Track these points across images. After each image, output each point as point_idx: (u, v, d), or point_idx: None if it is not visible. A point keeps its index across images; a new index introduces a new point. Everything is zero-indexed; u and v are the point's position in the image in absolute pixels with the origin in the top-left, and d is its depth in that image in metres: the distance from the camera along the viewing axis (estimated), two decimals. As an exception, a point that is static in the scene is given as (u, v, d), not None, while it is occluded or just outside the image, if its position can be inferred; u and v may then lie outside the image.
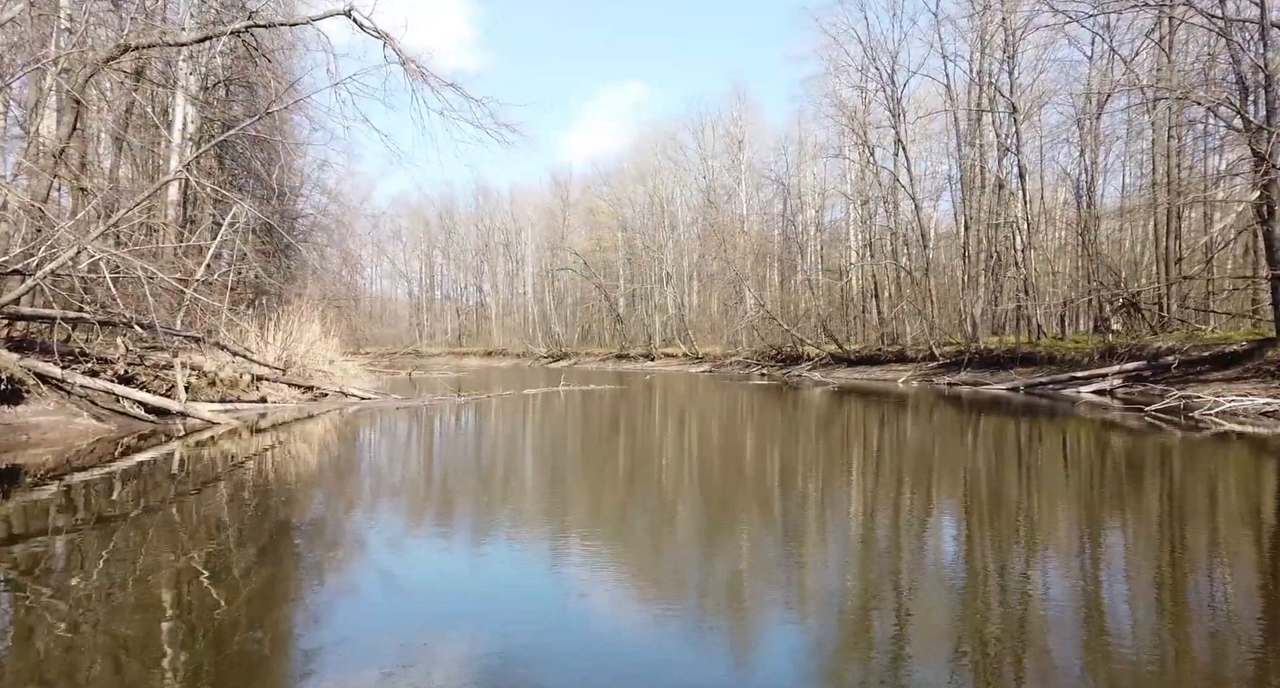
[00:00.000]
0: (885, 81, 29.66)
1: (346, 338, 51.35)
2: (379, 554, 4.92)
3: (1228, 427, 11.42)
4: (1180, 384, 17.46)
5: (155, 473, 7.51)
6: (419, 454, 9.92)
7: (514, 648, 3.24)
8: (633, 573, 4.49)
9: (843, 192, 38.02)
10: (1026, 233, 24.27)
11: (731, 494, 7.12)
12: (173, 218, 18.83)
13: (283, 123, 25.15)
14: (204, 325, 12.98)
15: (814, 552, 4.90)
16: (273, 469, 7.89)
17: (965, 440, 11.47)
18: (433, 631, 3.46)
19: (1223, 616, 3.70)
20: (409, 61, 12.64)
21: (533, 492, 7.21)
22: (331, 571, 4.48)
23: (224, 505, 6.12)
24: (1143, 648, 3.26)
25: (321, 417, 13.81)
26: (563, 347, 58.71)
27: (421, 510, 6.41)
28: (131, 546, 4.78)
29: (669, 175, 51.80)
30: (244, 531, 5.38)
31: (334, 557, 4.80)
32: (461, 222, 76.22)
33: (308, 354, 18.43)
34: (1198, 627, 3.54)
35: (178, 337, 11.97)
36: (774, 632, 3.53)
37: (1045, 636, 3.39)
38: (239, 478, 7.29)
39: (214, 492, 6.64)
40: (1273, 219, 15.25)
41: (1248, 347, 16.96)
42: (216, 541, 4.98)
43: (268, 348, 17.13)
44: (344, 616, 3.71)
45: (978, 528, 5.55)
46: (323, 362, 21.08)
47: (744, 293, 38.92)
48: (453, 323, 76.84)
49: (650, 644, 3.34)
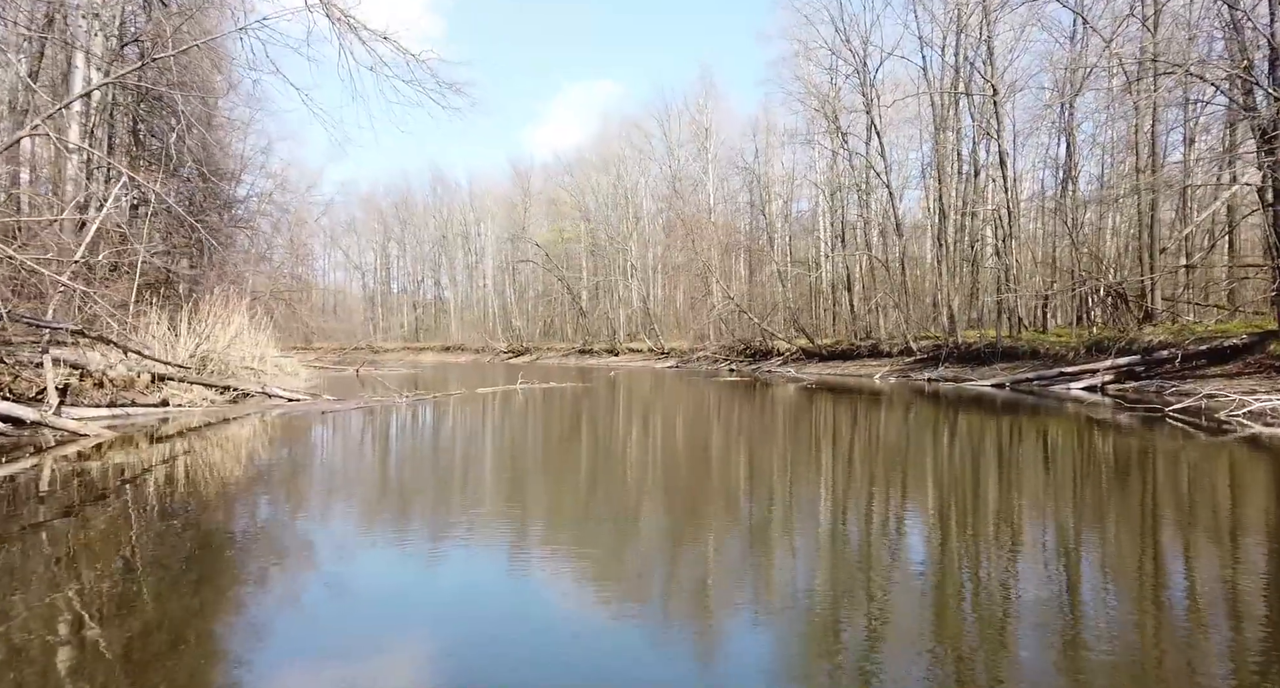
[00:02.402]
0: (858, 64, 28.41)
1: (294, 333, 48.94)
2: (254, 599, 3.86)
3: (1256, 429, 10.27)
4: (1176, 380, 16.49)
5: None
6: (332, 472, 8.16)
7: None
8: (592, 602, 3.96)
9: (812, 181, 36.84)
10: (1008, 221, 23.22)
11: (700, 506, 6.33)
12: (71, 196, 16.56)
13: (207, 94, 22.89)
14: (86, 316, 10.99)
15: (782, 562, 4.62)
16: (143, 490, 6.10)
17: (961, 449, 10.11)
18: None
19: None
20: (333, 6, 10.80)
21: (470, 517, 5.56)
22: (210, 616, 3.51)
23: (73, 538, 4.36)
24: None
25: (237, 422, 11.92)
26: (524, 342, 56.73)
27: (324, 546, 4.77)
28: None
29: (633, 164, 50.12)
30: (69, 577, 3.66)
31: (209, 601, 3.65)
32: (418, 212, 73.50)
33: (228, 350, 16.39)
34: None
35: (46, 328, 9.97)
36: (736, 637, 3.42)
37: None
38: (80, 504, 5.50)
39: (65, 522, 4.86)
40: (1279, 202, 14.24)
41: (1247, 340, 16.03)
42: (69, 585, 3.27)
43: (179, 343, 15.10)
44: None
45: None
46: (251, 359, 19.02)
47: (711, 285, 37.50)
48: (409, 317, 74.11)
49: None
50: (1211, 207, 19.78)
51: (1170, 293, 21.87)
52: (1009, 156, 23.89)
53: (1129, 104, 21.70)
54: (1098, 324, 22.07)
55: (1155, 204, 21.31)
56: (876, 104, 28.42)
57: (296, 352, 46.44)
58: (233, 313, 18.33)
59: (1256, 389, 13.95)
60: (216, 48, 18.74)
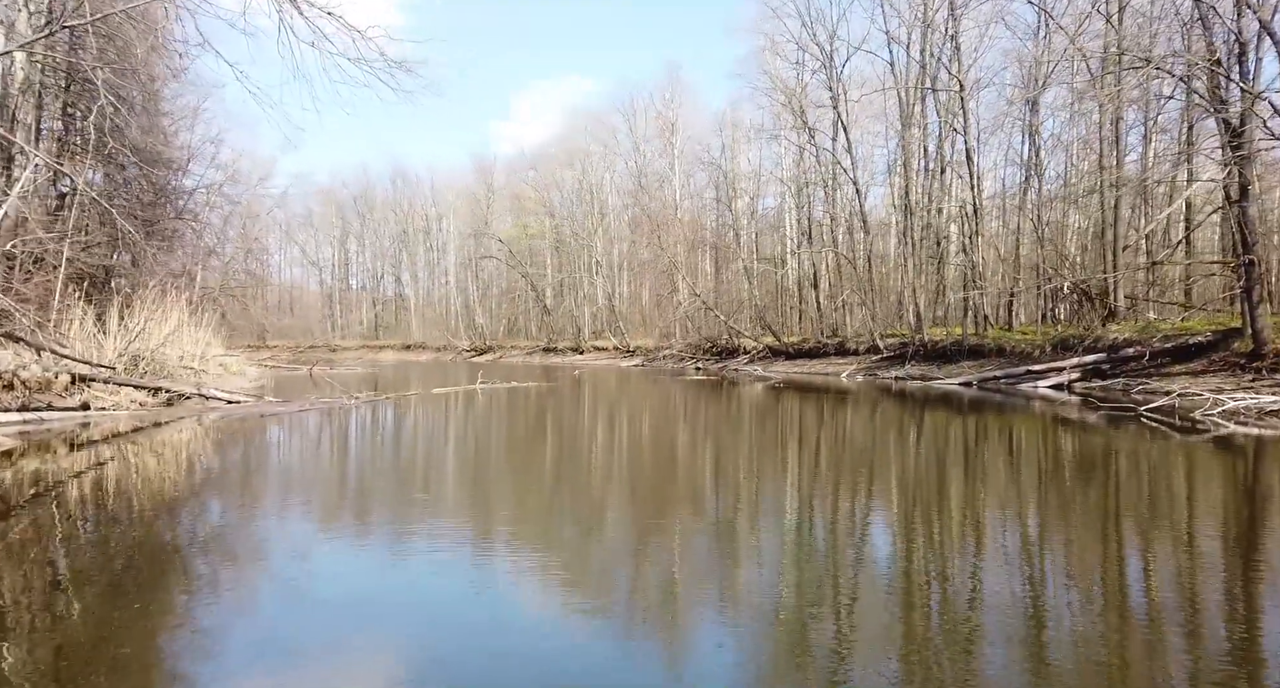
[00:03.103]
0: (825, 59, 28.16)
1: (247, 330, 47.18)
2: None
3: (1232, 429, 10.07)
4: (1142, 378, 16.44)
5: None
6: (258, 489, 7.42)
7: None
8: (554, 613, 3.81)
9: (778, 177, 36.59)
10: (974, 217, 23.12)
11: (665, 512, 6.02)
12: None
13: (145, 78, 21.58)
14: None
15: (747, 565, 4.50)
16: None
17: (933, 453, 9.75)
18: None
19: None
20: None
21: (406, 541, 4.90)
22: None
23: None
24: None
25: (169, 427, 11.02)
26: (487, 340, 55.64)
27: (247, 580, 4.07)
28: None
29: (599, 160, 49.39)
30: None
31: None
32: (378, 207, 71.70)
33: (164, 349, 15.37)
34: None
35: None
36: (701, 641, 3.38)
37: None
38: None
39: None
40: (1245, 199, 14.20)
41: (1211, 338, 16.05)
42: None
43: (107, 341, 14.07)
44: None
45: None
46: (191, 358, 17.97)
47: (677, 282, 37.02)
48: (368, 315, 72.27)
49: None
50: (1172, 205, 19.87)
51: (1131, 291, 22.01)
52: (975, 153, 23.81)
53: (1092, 101, 21.75)
54: (1063, 322, 22.09)
55: (1118, 202, 21.40)
56: (843, 99, 28.20)
57: (248, 350, 44.95)
58: (171, 309, 17.29)
59: (1223, 387, 13.90)
60: (156, 31, 17.59)
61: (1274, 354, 14.10)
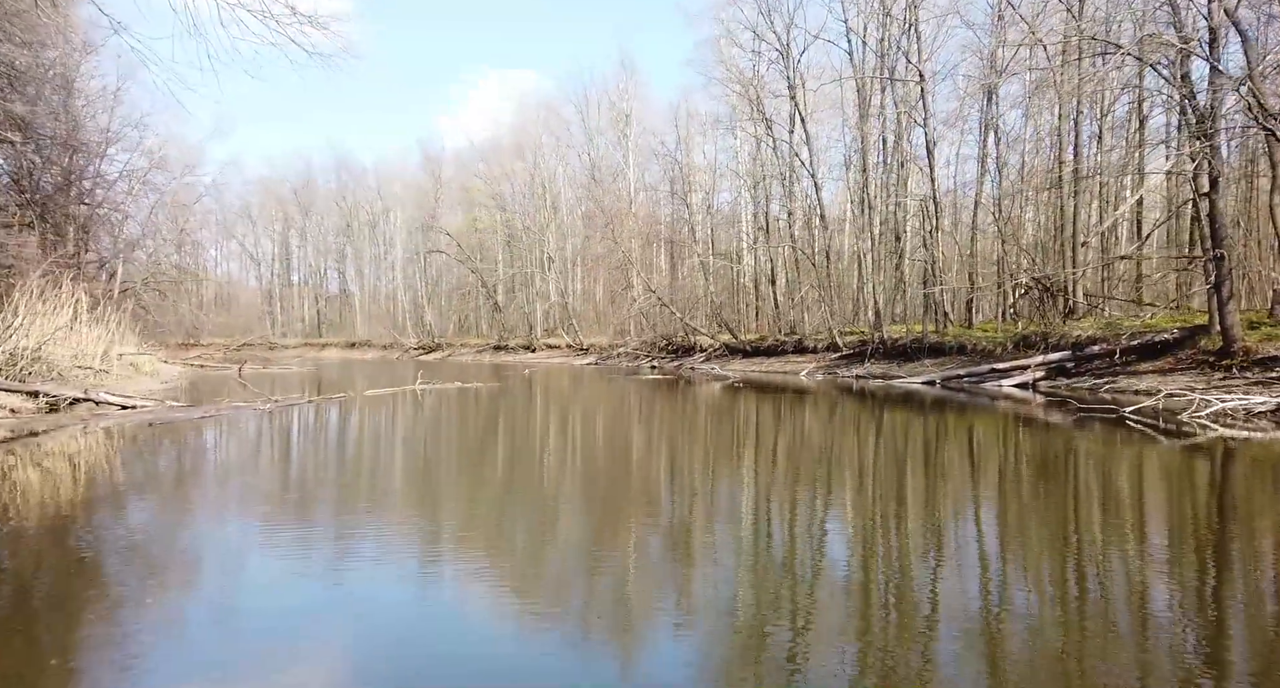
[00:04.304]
0: (782, 47, 27.34)
1: (175, 328, 44.37)
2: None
3: (1221, 432, 9.42)
4: (1109, 376, 15.98)
5: None
6: (126, 519, 6.06)
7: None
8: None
9: (734, 170, 35.78)
10: (935, 212, 22.55)
11: (616, 529, 5.50)
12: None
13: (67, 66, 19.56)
14: None
15: (699, 579, 4.20)
16: None
17: (906, 461, 8.85)
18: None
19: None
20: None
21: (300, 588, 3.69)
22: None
23: None
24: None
25: (46, 436, 9.47)
26: (435, 337, 53.69)
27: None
28: None
29: (551, 152, 47.92)
30: None
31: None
32: (320, 199, 68.80)
33: (49, 348, 13.61)
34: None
35: None
36: (653, 653, 3.23)
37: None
38: None
39: None
40: (1215, 190, 13.73)
41: (1179, 335, 15.65)
42: None
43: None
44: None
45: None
46: (90, 358, 16.15)
47: (632, 277, 35.90)
48: (310, 311, 69.28)
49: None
50: (1132, 197, 19.56)
51: (1091, 287, 21.73)
52: (935, 146, 23.27)
53: (1052, 94, 21.37)
54: (1023, 319, 21.69)
55: (1076, 196, 21.07)
56: (801, 89, 27.44)
57: (177, 349, 42.25)
58: (65, 302, 15.48)
59: (1194, 385, 13.42)
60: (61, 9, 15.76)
61: (1244, 352, 13.69)
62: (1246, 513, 5.74)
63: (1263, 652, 3.19)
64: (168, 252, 44.16)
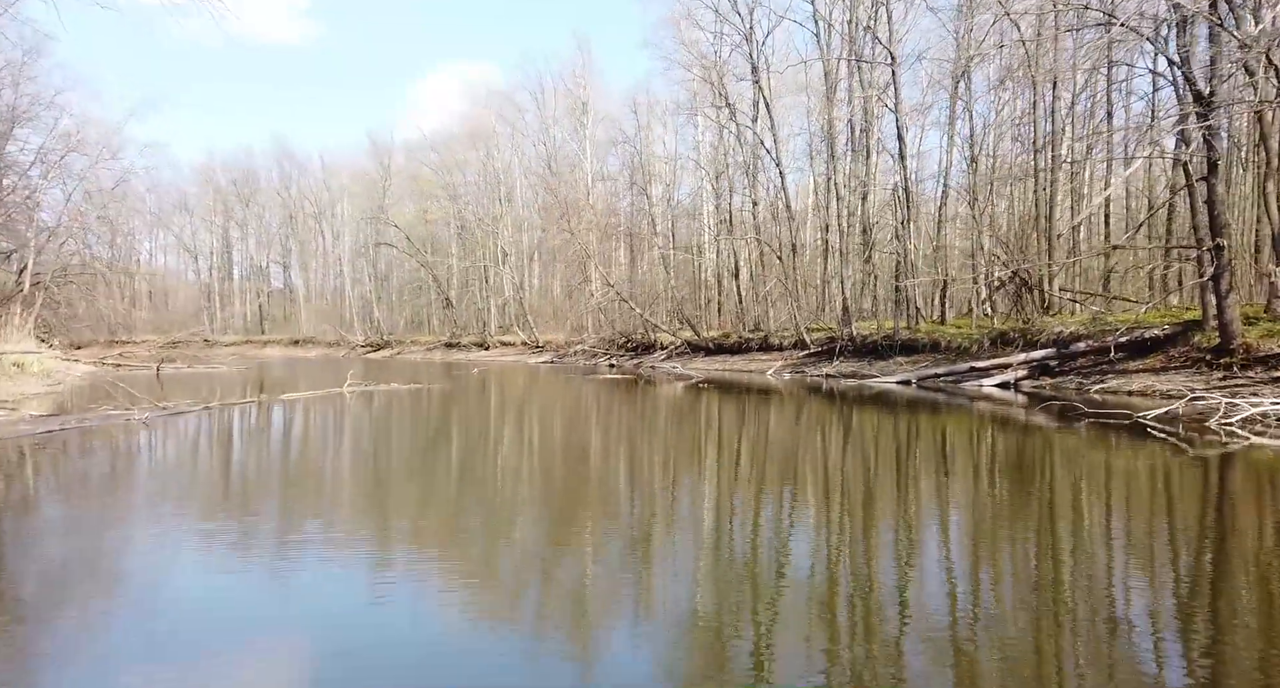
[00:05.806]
0: (746, 29, 25.91)
1: (95, 324, 41.13)
2: None
3: (1255, 440, 8.21)
4: (1096, 375, 14.92)
5: None
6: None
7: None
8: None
9: (695, 160, 34.31)
10: (907, 202, 21.36)
11: (570, 543, 4.97)
12: None
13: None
14: None
15: (658, 594, 3.87)
16: None
17: (898, 484, 7.44)
18: None
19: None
20: None
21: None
22: None
23: None
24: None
25: None
26: (385, 335, 51.24)
27: None
28: None
29: (505, 141, 45.86)
30: None
31: None
32: (262, 190, 65.42)
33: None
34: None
35: None
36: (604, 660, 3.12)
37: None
38: None
39: None
40: (1214, 175, 12.67)
41: (1170, 331, 14.64)
42: None
43: None
44: None
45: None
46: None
47: (590, 272, 34.20)
48: (252, 307, 65.83)
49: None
50: (1115, 184, 18.62)
51: (1068, 282, 20.81)
52: (906, 132, 22.10)
53: (1027, 79, 20.37)
54: (999, 314, 20.66)
55: (1053, 185, 20.09)
56: (766, 73, 26.06)
57: (98, 347, 39.16)
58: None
59: (1192, 385, 12.38)
60: None
61: (1244, 349, 12.68)
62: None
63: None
64: (90, 243, 40.95)
